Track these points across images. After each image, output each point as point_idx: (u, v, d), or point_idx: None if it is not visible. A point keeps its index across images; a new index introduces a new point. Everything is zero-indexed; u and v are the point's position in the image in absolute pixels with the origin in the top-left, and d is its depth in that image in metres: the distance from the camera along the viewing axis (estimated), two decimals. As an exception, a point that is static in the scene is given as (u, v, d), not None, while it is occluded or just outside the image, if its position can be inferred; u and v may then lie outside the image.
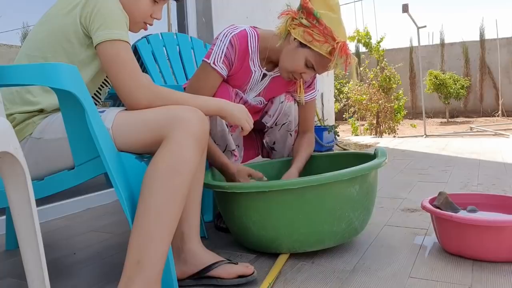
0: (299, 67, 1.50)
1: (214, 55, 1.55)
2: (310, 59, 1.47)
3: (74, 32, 1.14)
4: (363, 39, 8.94)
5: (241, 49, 1.56)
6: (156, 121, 1.07)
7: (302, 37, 1.46)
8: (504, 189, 2.24)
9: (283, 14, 1.51)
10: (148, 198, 1.01)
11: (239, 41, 1.56)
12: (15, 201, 0.83)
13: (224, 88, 1.60)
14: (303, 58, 1.48)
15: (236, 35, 1.56)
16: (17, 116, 1.17)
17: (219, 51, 1.55)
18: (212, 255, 1.23)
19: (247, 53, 1.58)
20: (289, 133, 1.77)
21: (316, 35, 1.44)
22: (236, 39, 1.55)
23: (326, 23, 1.43)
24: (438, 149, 4.06)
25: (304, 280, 1.23)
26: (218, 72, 1.56)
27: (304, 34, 1.45)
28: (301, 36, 1.46)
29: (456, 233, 1.33)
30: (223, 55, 1.55)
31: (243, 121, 1.24)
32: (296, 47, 1.49)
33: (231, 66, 1.57)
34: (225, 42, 1.55)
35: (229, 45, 1.54)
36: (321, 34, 1.43)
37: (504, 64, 12.36)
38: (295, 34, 1.47)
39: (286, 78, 1.57)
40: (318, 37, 1.44)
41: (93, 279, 1.31)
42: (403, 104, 8.00)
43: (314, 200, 1.28)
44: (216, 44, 1.56)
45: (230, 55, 1.55)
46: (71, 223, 1.97)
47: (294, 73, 1.53)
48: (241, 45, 1.56)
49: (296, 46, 1.49)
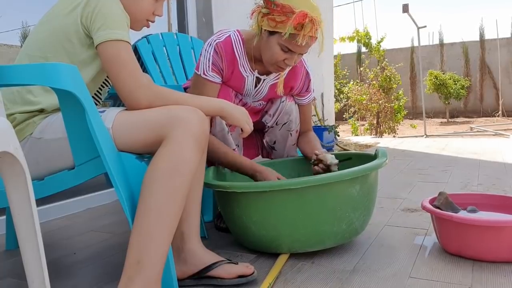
0: (277, 54, 1.49)
1: (202, 66, 1.57)
2: (282, 43, 1.46)
3: (75, 32, 1.14)
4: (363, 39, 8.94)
5: (227, 56, 1.57)
6: (156, 121, 1.07)
7: (268, 26, 1.46)
8: (504, 189, 2.24)
9: (253, 13, 1.52)
10: (148, 198, 1.01)
11: (224, 49, 1.56)
12: (15, 201, 0.83)
13: (224, 90, 1.61)
14: (276, 45, 1.47)
15: (220, 43, 1.56)
16: (18, 116, 1.17)
17: (206, 60, 1.56)
18: (212, 255, 1.23)
19: (235, 59, 1.59)
20: (290, 132, 1.77)
21: (277, 18, 1.43)
22: (220, 46, 1.56)
23: (283, 2, 1.42)
24: (438, 149, 4.06)
25: (304, 280, 1.23)
26: (210, 81, 1.57)
27: (268, 21, 1.45)
28: (267, 25, 1.46)
29: (456, 233, 1.33)
30: (211, 64, 1.56)
31: (243, 122, 1.24)
32: (267, 37, 1.49)
33: (222, 73, 1.58)
34: (210, 50, 1.56)
35: (214, 53, 1.55)
36: (282, 14, 1.42)
37: (504, 64, 12.36)
38: (264, 25, 1.48)
39: (274, 71, 1.57)
40: (280, 18, 1.42)
41: (93, 279, 1.31)
42: (403, 104, 8.01)
43: (314, 200, 1.28)
44: (202, 55, 1.57)
45: (217, 63, 1.56)
46: (71, 223, 1.97)
47: (277, 63, 1.52)
48: (227, 52, 1.57)
49: (267, 37, 1.49)
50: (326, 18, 5.17)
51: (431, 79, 11.56)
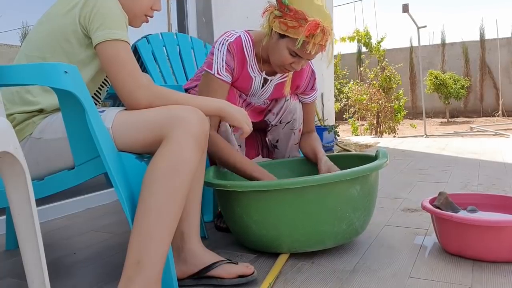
0: (285, 58, 1.48)
1: (216, 65, 1.55)
2: (291, 48, 1.46)
3: (73, 32, 1.14)
4: (363, 39, 8.95)
5: (238, 56, 1.57)
6: (156, 121, 1.07)
7: (279, 28, 1.45)
8: (504, 189, 2.24)
9: (265, 12, 1.51)
10: (148, 198, 1.01)
11: (236, 49, 1.56)
12: (15, 201, 0.83)
13: (229, 90, 1.61)
14: (285, 49, 1.47)
15: (232, 43, 1.56)
16: (17, 116, 1.17)
17: (219, 60, 1.55)
18: (212, 255, 1.23)
19: (245, 60, 1.59)
20: (293, 131, 1.77)
21: (289, 22, 1.42)
22: (233, 46, 1.56)
23: (296, 7, 1.41)
24: (438, 149, 4.06)
25: (304, 280, 1.23)
26: (224, 81, 1.56)
27: (280, 24, 1.45)
28: (278, 28, 1.46)
29: (456, 233, 1.33)
30: (225, 64, 1.55)
31: (243, 123, 1.24)
32: (277, 39, 1.48)
33: (233, 73, 1.58)
34: (223, 50, 1.55)
35: (227, 53, 1.55)
36: (294, 20, 1.41)
37: (504, 64, 12.35)
38: (274, 27, 1.47)
39: (280, 72, 1.57)
40: (292, 23, 1.42)
41: (93, 279, 1.31)
42: (403, 104, 8.01)
43: (315, 200, 1.28)
44: (215, 54, 1.56)
45: (230, 62, 1.56)
46: (71, 223, 1.97)
47: (283, 65, 1.52)
48: (238, 52, 1.57)
49: (277, 39, 1.48)
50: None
51: (431, 79, 11.56)
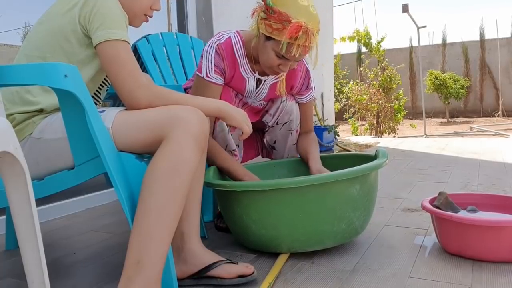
0: (272, 60, 1.48)
1: (205, 68, 1.56)
2: (277, 50, 1.44)
3: (72, 31, 1.14)
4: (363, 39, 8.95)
5: (228, 58, 1.57)
6: (156, 121, 1.07)
7: (265, 30, 1.44)
8: (504, 189, 2.24)
9: (254, 12, 1.50)
10: (148, 198, 1.01)
11: (225, 50, 1.56)
12: (15, 201, 0.83)
13: (225, 90, 1.61)
14: (271, 51, 1.46)
15: (221, 44, 1.56)
16: (17, 116, 1.17)
17: (208, 62, 1.55)
18: (212, 255, 1.23)
19: (236, 61, 1.58)
20: (290, 132, 1.77)
21: (274, 24, 1.41)
22: (221, 47, 1.55)
23: (280, 9, 1.40)
24: (438, 149, 4.06)
25: (304, 280, 1.23)
26: (214, 83, 1.56)
27: (265, 26, 1.44)
28: (264, 29, 1.45)
29: (456, 233, 1.33)
30: (213, 66, 1.55)
31: (242, 124, 1.23)
32: (264, 41, 1.48)
33: (224, 74, 1.58)
34: (211, 52, 1.55)
35: (215, 55, 1.55)
36: (278, 22, 1.40)
37: (504, 64, 12.35)
38: (261, 29, 1.46)
39: (271, 73, 1.57)
40: (276, 25, 1.41)
41: (93, 279, 1.31)
42: (403, 104, 8.01)
43: (314, 199, 1.28)
44: (204, 57, 1.57)
45: (219, 64, 1.56)
46: (71, 223, 1.97)
47: (272, 67, 1.51)
48: (228, 54, 1.56)
49: (264, 41, 1.48)
50: (326, 17, 5.17)
51: (431, 79, 11.57)
